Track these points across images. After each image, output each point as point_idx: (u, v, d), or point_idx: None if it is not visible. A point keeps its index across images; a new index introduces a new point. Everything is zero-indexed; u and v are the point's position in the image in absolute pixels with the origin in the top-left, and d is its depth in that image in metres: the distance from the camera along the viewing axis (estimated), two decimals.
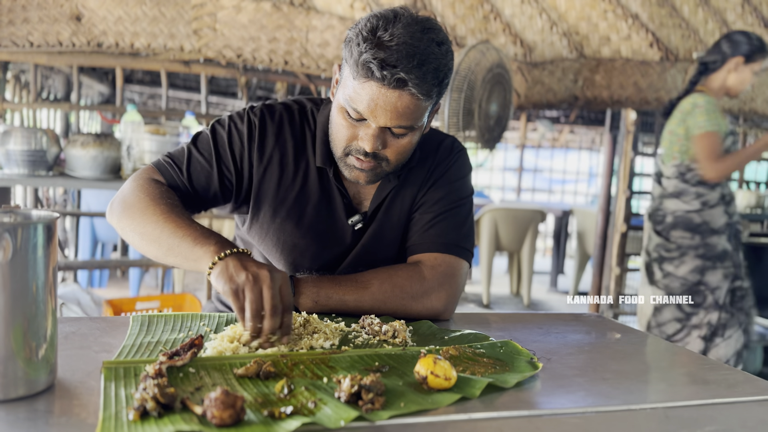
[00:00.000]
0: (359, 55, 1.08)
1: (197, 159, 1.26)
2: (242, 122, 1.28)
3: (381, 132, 1.14)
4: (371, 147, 1.14)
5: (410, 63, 1.06)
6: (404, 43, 1.07)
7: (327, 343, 0.98)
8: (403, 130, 1.15)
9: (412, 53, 1.07)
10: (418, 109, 1.12)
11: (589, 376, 0.95)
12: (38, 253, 0.74)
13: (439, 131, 1.39)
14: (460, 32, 3.70)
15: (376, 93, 1.09)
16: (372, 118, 1.12)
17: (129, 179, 1.23)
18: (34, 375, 0.76)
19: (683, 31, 3.99)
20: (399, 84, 1.08)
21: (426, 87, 1.09)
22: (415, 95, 1.09)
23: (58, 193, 5.17)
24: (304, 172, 1.28)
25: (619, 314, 4.48)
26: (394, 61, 1.06)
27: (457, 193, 1.33)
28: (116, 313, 2.93)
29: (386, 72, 1.06)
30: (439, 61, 1.10)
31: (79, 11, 3.27)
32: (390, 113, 1.11)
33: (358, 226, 1.30)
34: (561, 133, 10.24)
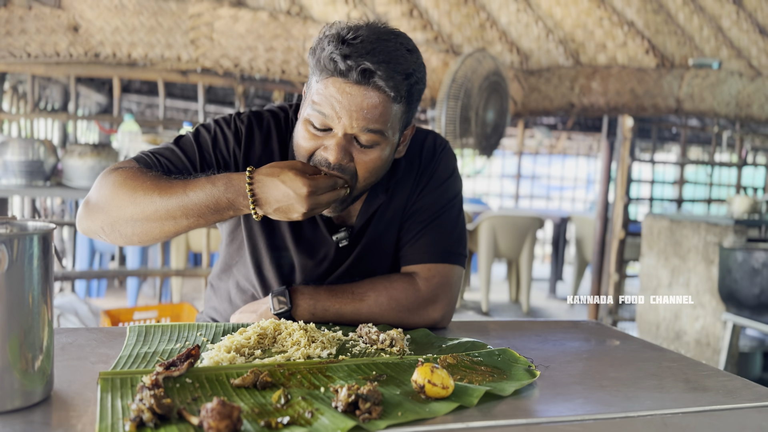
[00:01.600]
0: (322, 52, 1.02)
1: (180, 157, 1.17)
2: (229, 128, 1.22)
3: (346, 141, 1.06)
4: (335, 158, 1.06)
5: (376, 57, 1.00)
6: (370, 41, 1.02)
7: (324, 352, 0.98)
8: (372, 138, 1.06)
9: (379, 49, 1.01)
10: (387, 111, 1.05)
11: (587, 383, 0.95)
12: (34, 264, 0.74)
13: (420, 128, 1.32)
14: (457, 41, 3.71)
15: (340, 89, 1.02)
16: (336, 120, 1.04)
17: (99, 177, 1.12)
18: (30, 386, 0.75)
19: (679, 37, 4.01)
20: (364, 77, 1.01)
21: (394, 82, 1.02)
22: (382, 90, 1.02)
23: (55, 203, 5.17)
24: None
25: (618, 321, 4.48)
26: (359, 55, 1.00)
27: (445, 197, 1.28)
28: (114, 324, 2.92)
29: (351, 62, 1.00)
30: (410, 65, 1.04)
31: (76, 22, 3.28)
32: (355, 113, 1.03)
33: (343, 243, 1.23)
34: (558, 140, 10.26)
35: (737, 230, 3.43)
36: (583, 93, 3.94)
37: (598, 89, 3.95)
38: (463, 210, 1.33)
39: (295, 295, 1.16)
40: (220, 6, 3.38)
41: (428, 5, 3.65)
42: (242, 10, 3.41)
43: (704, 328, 3.53)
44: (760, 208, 3.74)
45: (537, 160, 10.74)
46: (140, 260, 4.61)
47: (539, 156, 10.68)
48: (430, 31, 3.65)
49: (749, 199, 3.74)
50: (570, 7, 3.82)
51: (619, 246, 4.35)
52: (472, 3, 3.72)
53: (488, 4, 3.74)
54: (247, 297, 1.33)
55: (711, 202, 5.04)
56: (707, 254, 3.52)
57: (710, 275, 3.48)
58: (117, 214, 1.07)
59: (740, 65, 4.19)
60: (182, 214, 1.04)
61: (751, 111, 4.30)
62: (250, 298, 1.33)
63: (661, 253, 3.85)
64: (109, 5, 3.28)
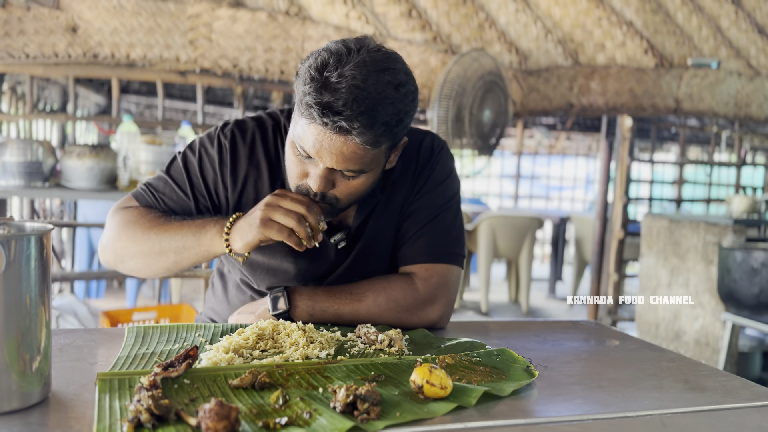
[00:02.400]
0: (303, 95, 1.01)
1: (172, 189, 1.23)
2: (212, 146, 1.22)
3: (329, 173, 1.07)
4: (318, 187, 1.07)
5: (357, 109, 0.98)
6: (353, 86, 0.98)
7: (323, 352, 0.98)
8: (352, 173, 1.08)
9: (360, 97, 0.98)
10: (366, 156, 1.05)
11: (586, 383, 0.95)
12: (32, 265, 0.74)
13: (417, 129, 1.32)
14: (456, 41, 3.71)
15: (320, 136, 1.02)
16: (318, 158, 1.05)
17: (108, 216, 1.24)
18: (28, 388, 0.75)
19: (678, 37, 4.02)
20: (342, 131, 1.00)
21: (371, 136, 1.01)
22: (357, 144, 1.02)
23: (54, 204, 5.16)
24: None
25: (618, 321, 4.48)
26: (339, 107, 0.98)
27: (443, 197, 1.28)
28: (113, 324, 2.92)
29: (327, 120, 0.99)
30: (394, 106, 1.02)
31: (75, 23, 3.28)
32: (336, 156, 1.04)
33: (341, 244, 1.24)
34: (557, 140, 10.27)
35: (736, 230, 3.43)
36: (582, 93, 3.94)
37: (597, 89, 3.95)
38: (461, 210, 1.33)
39: (294, 295, 1.16)
40: (219, 7, 3.38)
41: (427, 5, 3.65)
42: (241, 10, 3.41)
43: (703, 328, 3.53)
44: (759, 207, 3.74)
45: (536, 160, 10.74)
46: None
47: (538, 156, 10.68)
48: (428, 31, 3.65)
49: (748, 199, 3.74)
50: (569, 7, 3.82)
51: (618, 246, 4.35)
52: (470, 3, 3.72)
53: (487, 5, 3.74)
54: (245, 298, 1.33)
55: (710, 201, 5.04)
56: (706, 254, 3.52)
57: (709, 275, 3.48)
58: (122, 253, 1.20)
59: (739, 65, 4.19)
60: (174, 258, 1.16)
61: (750, 111, 4.30)
62: (249, 299, 1.33)
63: (660, 253, 3.86)
64: (107, 6, 3.28)
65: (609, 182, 4.80)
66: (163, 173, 1.25)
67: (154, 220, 1.17)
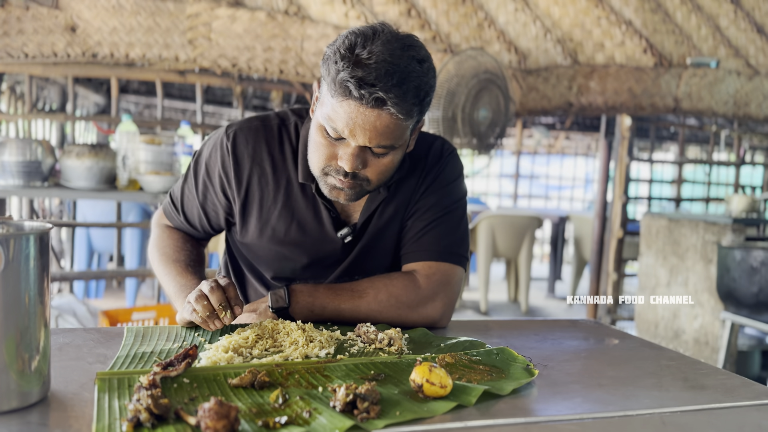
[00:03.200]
0: (336, 73, 1.04)
1: (189, 200, 1.34)
2: (217, 151, 1.27)
3: (361, 151, 1.10)
4: (351, 167, 1.10)
5: (389, 81, 1.03)
6: (383, 60, 1.03)
7: (322, 351, 0.98)
8: (384, 150, 1.11)
9: (392, 71, 1.03)
10: (398, 129, 1.09)
11: (586, 382, 0.95)
12: (31, 264, 0.74)
13: (428, 133, 1.36)
14: (455, 40, 3.71)
15: (354, 112, 1.05)
16: (351, 137, 1.08)
17: (152, 225, 1.42)
18: (27, 387, 0.75)
19: (676, 36, 4.02)
20: (378, 103, 1.04)
21: (406, 106, 1.06)
22: (394, 115, 1.06)
23: (53, 203, 5.16)
24: (285, 189, 1.26)
25: (617, 320, 4.48)
26: (373, 80, 1.02)
27: (449, 198, 1.30)
28: (112, 324, 2.92)
29: (364, 91, 1.03)
30: (420, 79, 1.07)
31: (74, 22, 3.28)
32: (369, 132, 1.07)
33: (347, 239, 1.27)
34: (557, 140, 10.26)
35: (735, 229, 3.43)
36: (581, 92, 3.94)
37: (596, 88, 3.95)
38: (467, 215, 1.35)
39: (294, 293, 1.17)
40: (218, 6, 3.38)
41: (426, 5, 3.64)
42: (240, 10, 3.41)
43: (703, 327, 3.53)
44: (759, 206, 3.74)
45: (535, 159, 10.74)
46: (139, 261, 4.60)
47: (537, 155, 10.68)
48: (428, 31, 3.64)
49: (747, 198, 3.74)
50: (568, 7, 3.82)
51: (617, 245, 4.35)
52: (470, 2, 3.72)
53: (486, 4, 3.74)
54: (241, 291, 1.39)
55: (709, 201, 5.04)
56: (705, 253, 3.52)
57: (709, 274, 3.48)
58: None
59: (738, 64, 4.19)
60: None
61: (749, 110, 4.30)
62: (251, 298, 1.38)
63: (659, 252, 3.86)
64: (106, 5, 3.27)
65: (608, 181, 4.80)
66: (182, 183, 1.36)
67: (164, 256, 1.31)
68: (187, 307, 1.08)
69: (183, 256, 1.30)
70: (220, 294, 1.05)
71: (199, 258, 1.34)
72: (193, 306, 1.06)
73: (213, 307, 1.05)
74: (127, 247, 4.58)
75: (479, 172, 10.26)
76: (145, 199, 2.81)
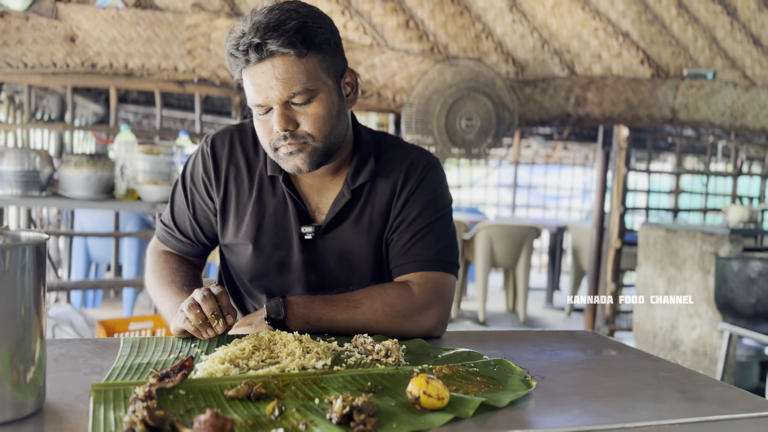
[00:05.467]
0: (226, 54, 1.15)
1: (179, 214, 1.37)
2: (199, 158, 1.34)
3: (285, 109, 1.15)
4: (280, 125, 1.14)
5: (261, 30, 1.10)
6: (257, 22, 1.11)
7: (319, 363, 0.98)
8: (303, 96, 1.14)
9: (264, 22, 1.10)
10: (298, 69, 1.12)
11: (583, 394, 0.95)
12: (26, 275, 0.74)
13: (411, 146, 1.37)
14: (453, 51, 3.73)
15: (253, 76, 1.13)
16: (266, 100, 1.14)
17: (147, 255, 1.43)
18: (22, 398, 0.75)
19: (673, 48, 4.04)
20: (258, 51, 1.10)
21: (286, 40, 1.10)
22: (280, 54, 1.11)
23: (51, 213, 5.15)
24: (258, 185, 1.30)
25: (615, 330, 4.47)
26: (249, 37, 1.10)
27: (434, 207, 1.30)
28: (109, 334, 2.91)
29: (242, 48, 1.11)
30: (298, 18, 1.12)
31: (73, 32, 3.29)
32: (275, 86, 1.12)
33: (308, 236, 1.29)
34: (554, 150, 10.29)
35: (733, 240, 3.43)
36: (579, 103, 3.96)
37: (594, 99, 3.96)
38: (453, 222, 1.36)
39: (289, 304, 1.17)
40: (217, 17, 3.40)
41: (424, 16, 3.66)
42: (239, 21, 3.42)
43: (701, 338, 3.53)
44: (756, 217, 3.75)
45: (533, 169, 10.76)
46: (136, 270, 4.59)
47: (535, 165, 10.70)
48: (426, 42, 3.66)
49: (745, 209, 3.75)
50: (565, 18, 3.85)
51: (615, 255, 4.36)
52: (467, 14, 3.74)
53: (484, 15, 3.76)
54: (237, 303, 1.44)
55: (707, 211, 5.05)
56: (703, 264, 3.52)
57: (706, 285, 3.48)
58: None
59: (734, 75, 4.21)
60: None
61: (745, 121, 4.32)
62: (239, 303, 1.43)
63: (657, 263, 3.86)
64: (106, 16, 3.29)
65: (606, 192, 4.81)
66: (170, 202, 1.39)
67: (161, 279, 1.32)
68: (180, 316, 1.08)
69: (179, 278, 1.31)
70: (213, 303, 1.06)
71: (195, 279, 1.35)
72: (186, 314, 1.06)
73: (205, 316, 1.05)
74: (125, 256, 4.57)
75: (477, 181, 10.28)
76: (143, 209, 2.81)
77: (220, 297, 1.07)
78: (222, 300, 1.07)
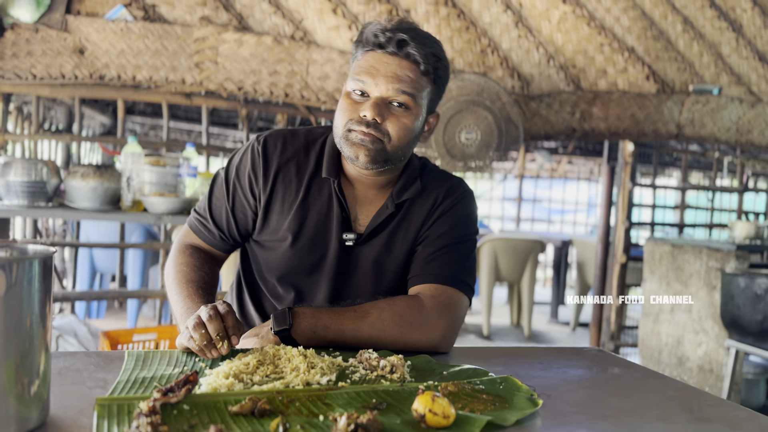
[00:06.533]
0: (365, 32, 1.23)
1: (217, 206, 1.38)
2: (248, 155, 1.35)
3: (382, 102, 1.22)
4: (372, 113, 1.20)
5: (410, 34, 1.21)
6: (407, 26, 1.23)
7: (324, 378, 0.97)
8: (404, 99, 1.21)
9: (414, 30, 1.22)
10: (417, 79, 1.22)
11: (590, 413, 0.94)
12: (33, 288, 0.74)
13: (448, 173, 1.43)
14: (458, 65, 3.74)
15: (378, 60, 1.21)
16: (374, 85, 1.21)
17: (173, 243, 1.43)
18: (26, 412, 0.75)
19: (679, 64, 4.04)
20: (400, 47, 1.20)
21: (425, 54, 1.21)
22: (414, 60, 1.21)
23: (57, 223, 5.17)
24: (306, 187, 1.33)
25: (621, 346, 4.44)
26: (396, 31, 1.21)
27: (461, 229, 1.35)
28: (113, 345, 2.90)
29: (389, 34, 1.20)
30: (438, 49, 1.24)
31: (82, 44, 3.32)
32: (390, 78, 1.20)
33: (349, 242, 1.32)
34: (559, 164, 10.29)
35: (739, 256, 3.41)
36: (584, 118, 3.96)
37: (599, 114, 3.97)
38: (476, 251, 1.39)
39: (296, 314, 1.17)
40: (225, 30, 3.42)
41: (431, 31, 3.68)
42: (247, 34, 3.45)
43: (707, 354, 3.50)
44: (762, 233, 3.73)
45: (538, 183, 10.76)
46: (141, 282, 4.59)
47: (540, 179, 10.70)
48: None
49: (751, 225, 3.73)
50: (571, 34, 3.86)
51: (620, 270, 4.34)
52: (473, 29, 3.76)
53: (490, 30, 3.78)
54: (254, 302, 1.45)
55: (712, 227, 5.03)
56: (709, 280, 3.50)
57: (712, 301, 3.46)
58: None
59: (740, 91, 4.21)
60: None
61: (751, 137, 4.32)
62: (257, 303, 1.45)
63: (663, 278, 3.84)
64: (115, 28, 3.32)
65: (611, 206, 4.79)
66: (208, 193, 1.40)
67: (180, 274, 1.32)
68: (185, 334, 1.08)
69: (197, 277, 1.32)
70: (218, 323, 1.05)
71: (212, 281, 1.36)
72: (191, 333, 1.06)
73: (210, 336, 1.05)
74: (130, 267, 4.57)
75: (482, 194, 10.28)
76: (149, 221, 2.82)
77: (226, 317, 1.07)
78: (228, 320, 1.07)
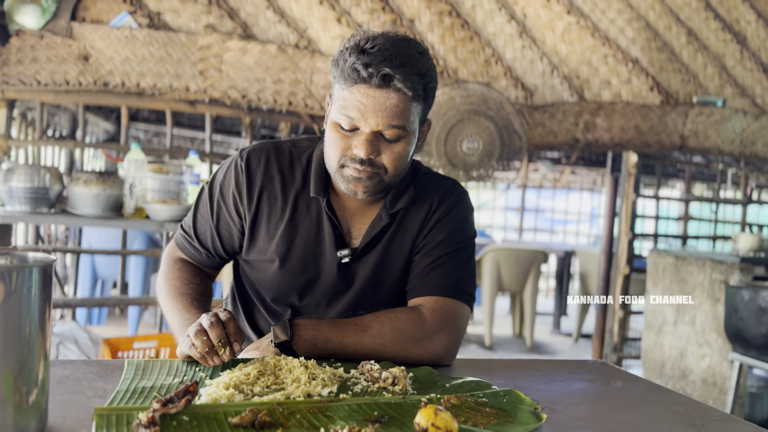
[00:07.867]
0: (344, 63, 1.14)
1: (202, 224, 1.35)
2: (231, 171, 1.31)
3: (374, 137, 1.16)
4: (366, 152, 1.15)
5: (394, 62, 1.12)
6: (386, 49, 1.13)
7: (325, 390, 0.96)
8: (396, 132, 1.16)
9: (395, 55, 1.12)
10: (407, 108, 1.15)
11: (595, 427, 0.93)
12: (32, 296, 0.73)
13: (441, 175, 1.39)
14: (462, 75, 3.75)
15: (364, 96, 1.13)
16: (363, 121, 1.14)
17: (162, 259, 1.41)
18: (24, 422, 0.74)
19: (683, 75, 4.04)
20: (385, 81, 1.12)
21: (411, 83, 1.13)
22: (401, 91, 1.13)
23: (59, 229, 5.17)
24: (292, 205, 1.29)
25: (624, 358, 4.41)
26: (378, 62, 1.11)
27: (459, 236, 1.31)
28: (113, 353, 2.89)
29: (372, 69, 1.11)
30: (422, 66, 1.16)
31: (86, 51, 3.33)
32: (380, 113, 1.13)
33: (345, 259, 1.28)
34: (562, 174, 10.28)
35: (743, 268, 3.39)
36: (588, 129, 3.95)
37: (603, 125, 3.96)
38: (475, 255, 1.36)
39: (297, 327, 1.15)
40: (229, 39, 3.43)
41: (434, 40, 3.69)
42: (251, 43, 3.46)
43: (711, 367, 3.48)
44: (766, 246, 3.71)
45: (541, 193, 10.75)
46: (142, 289, 4.59)
47: (543, 189, 10.68)
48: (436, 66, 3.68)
49: (755, 237, 3.71)
50: (575, 44, 3.86)
51: (623, 282, 4.32)
52: (477, 39, 3.77)
53: (493, 40, 3.79)
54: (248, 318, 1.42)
55: (716, 239, 5.01)
56: (713, 292, 3.49)
57: (716, 313, 3.44)
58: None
59: (744, 103, 4.21)
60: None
61: (755, 149, 4.31)
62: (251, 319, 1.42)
63: (666, 290, 3.82)
64: (119, 36, 3.33)
65: (614, 217, 4.78)
66: (193, 210, 1.37)
67: (172, 288, 1.31)
68: (186, 342, 1.07)
69: (190, 290, 1.30)
70: (220, 330, 1.04)
71: (206, 292, 1.34)
72: (192, 341, 1.05)
73: (212, 343, 1.03)
74: (131, 274, 4.57)
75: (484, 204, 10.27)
76: (152, 228, 2.81)
77: (228, 324, 1.06)
78: (229, 327, 1.05)
